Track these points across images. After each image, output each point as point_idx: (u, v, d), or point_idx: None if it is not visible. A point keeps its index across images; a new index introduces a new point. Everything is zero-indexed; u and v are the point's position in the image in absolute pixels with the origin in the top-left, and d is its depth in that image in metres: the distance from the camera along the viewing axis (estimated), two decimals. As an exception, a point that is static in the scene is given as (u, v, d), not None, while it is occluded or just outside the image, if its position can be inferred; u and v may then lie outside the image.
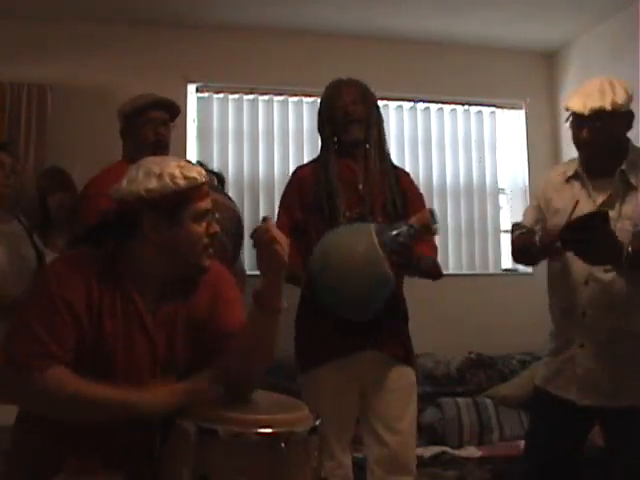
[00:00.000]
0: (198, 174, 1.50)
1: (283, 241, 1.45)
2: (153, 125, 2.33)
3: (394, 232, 2.03)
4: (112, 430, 1.46)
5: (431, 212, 2.06)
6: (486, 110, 4.32)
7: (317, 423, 1.42)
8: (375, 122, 2.37)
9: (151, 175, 1.47)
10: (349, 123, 2.31)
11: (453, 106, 4.27)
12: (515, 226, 2.28)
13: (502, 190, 4.31)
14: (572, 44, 4.13)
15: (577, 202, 1.98)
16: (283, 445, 1.32)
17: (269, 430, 1.34)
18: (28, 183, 3.34)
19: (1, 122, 3.51)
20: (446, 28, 3.95)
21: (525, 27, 3.93)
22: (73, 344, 1.44)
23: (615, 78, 2.07)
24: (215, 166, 3.49)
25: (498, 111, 4.35)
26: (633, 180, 2.03)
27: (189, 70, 3.82)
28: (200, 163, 3.25)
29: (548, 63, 4.33)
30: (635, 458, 1.96)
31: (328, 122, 2.35)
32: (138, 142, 2.30)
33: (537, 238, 2.04)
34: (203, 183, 1.52)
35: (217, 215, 2.06)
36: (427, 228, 2.05)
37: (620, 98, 1.99)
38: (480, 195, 4.26)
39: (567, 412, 2.08)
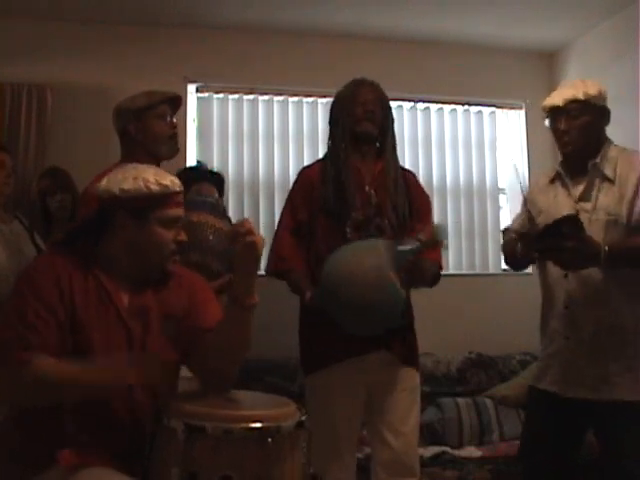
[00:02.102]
0: (171, 183, 1.61)
1: (259, 236, 1.52)
2: (164, 119, 2.33)
3: (403, 249, 2.02)
4: (103, 427, 1.50)
5: (440, 227, 2.08)
6: (486, 110, 4.32)
7: (303, 418, 1.45)
8: (390, 127, 2.39)
9: (128, 177, 1.58)
10: (366, 119, 2.31)
11: (453, 106, 4.27)
12: (505, 231, 2.30)
13: (502, 190, 4.31)
14: (572, 44, 4.13)
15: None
16: (270, 440, 1.34)
17: (256, 425, 1.36)
18: (29, 184, 3.35)
19: (1, 122, 3.51)
20: (446, 28, 3.95)
21: (525, 27, 3.93)
22: (50, 333, 1.48)
23: (589, 79, 2.17)
24: (215, 166, 3.49)
25: (498, 111, 4.35)
26: (608, 172, 2.07)
27: (189, 70, 3.82)
28: (199, 163, 3.26)
29: (548, 63, 4.33)
30: (620, 455, 1.97)
31: (348, 116, 2.32)
32: (154, 137, 2.29)
33: (518, 246, 2.09)
34: (176, 192, 1.62)
35: (211, 237, 2.07)
36: (435, 243, 2.07)
37: (592, 90, 2.09)
38: (480, 195, 4.26)
39: (556, 407, 2.09)
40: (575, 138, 2.11)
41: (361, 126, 2.31)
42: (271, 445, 1.33)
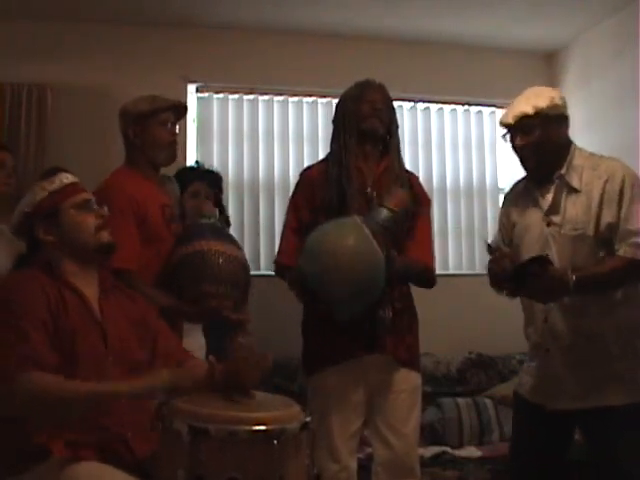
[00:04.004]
0: (64, 178, 1.80)
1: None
2: (165, 126, 2.34)
3: (377, 219, 2.06)
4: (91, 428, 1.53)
5: (407, 195, 2.12)
6: (486, 110, 4.32)
7: (308, 420, 1.45)
8: (395, 130, 2.38)
9: (27, 195, 1.79)
10: (374, 116, 2.30)
11: (453, 106, 4.27)
12: (489, 248, 2.30)
13: (502, 190, 4.31)
14: (572, 44, 4.13)
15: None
16: (275, 442, 1.34)
17: (261, 427, 1.36)
18: (29, 184, 3.34)
19: (1, 122, 3.51)
20: (446, 28, 3.95)
21: (525, 27, 3.93)
22: (46, 348, 1.52)
23: (546, 88, 2.15)
24: (215, 166, 3.49)
25: (498, 111, 4.33)
26: (575, 183, 2.04)
27: (189, 70, 3.82)
28: (197, 163, 3.27)
29: (548, 63, 4.33)
30: (615, 459, 1.96)
31: (354, 114, 2.30)
32: (153, 143, 2.29)
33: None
34: (71, 183, 1.80)
35: (221, 262, 2.08)
36: (406, 210, 2.12)
37: (542, 102, 2.03)
38: (480, 195, 4.26)
39: (543, 416, 2.07)
40: (532, 154, 2.08)
41: (367, 123, 2.29)
42: (276, 447, 1.34)
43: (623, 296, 2.01)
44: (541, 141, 2.05)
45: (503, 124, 2.14)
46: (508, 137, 2.14)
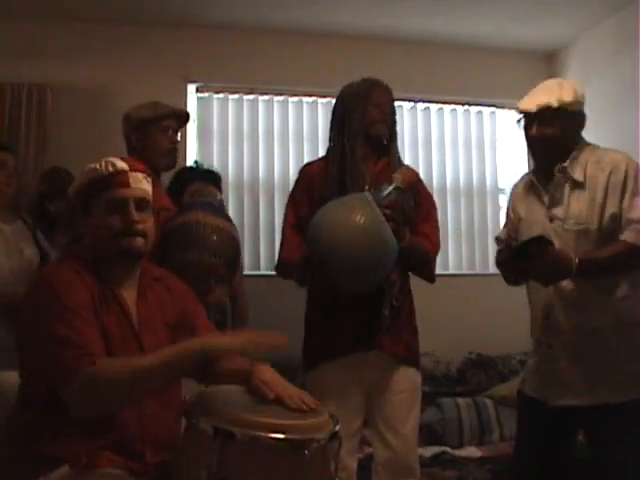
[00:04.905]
0: (110, 165, 1.57)
1: None
2: (166, 133, 2.37)
3: (384, 193, 2.08)
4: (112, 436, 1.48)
5: (413, 172, 2.20)
6: (486, 110, 4.32)
7: (337, 428, 1.41)
8: (395, 132, 2.39)
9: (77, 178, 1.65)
10: (381, 122, 2.31)
11: (453, 106, 4.28)
12: (497, 240, 2.30)
13: (502, 190, 4.31)
14: (572, 44, 4.13)
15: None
16: (307, 452, 1.30)
17: (287, 436, 1.32)
18: (29, 184, 3.35)
19: (1, 122, 3.51)
20: (446, 28, 3.95)
21: (525, 27, 3.93)
22: (97, 339, 1.47)
23: (567, 81, 2.13)
24: (215, 166, 3.49)
25: (498, 111, 4.35)
26: (578, 176, 2.03)
27: (189, 70, 3.82)
28: (197, 162, 3.27)
29: (548, 63, 4.33)
30: (619, 456, 1.96)
31: (361, 116, 2.29)
32: (154, 150, 2.34)
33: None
34: (113, 173, 1.56)
35: (215, 237, 2.09)
36: (412, 186, 2.14)
37: (567, 97, 2.02)
38: (480, 195, 4.26)
39: (545, 414, 2.07)
40: (545, 146, 2.07)
41: (375, 129, 2.30)
42: (305, 457, 1.30)
43: (625, 291, 2.00)
44: (557, 135, 2.04)
45: (523, 111, 2.11)
46: (522, 124, 2.12)
